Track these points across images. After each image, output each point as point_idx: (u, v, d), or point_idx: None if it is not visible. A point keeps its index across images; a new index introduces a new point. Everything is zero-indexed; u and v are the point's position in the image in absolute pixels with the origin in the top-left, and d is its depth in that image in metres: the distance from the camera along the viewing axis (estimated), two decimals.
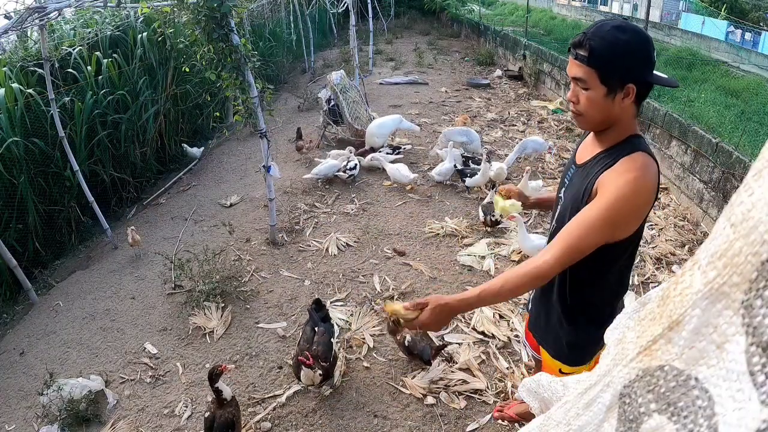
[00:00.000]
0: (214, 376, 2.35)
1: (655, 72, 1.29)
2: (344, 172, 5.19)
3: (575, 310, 1.52)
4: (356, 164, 5.24)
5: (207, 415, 2.41)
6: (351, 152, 5.45)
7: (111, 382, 3.01)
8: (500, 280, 1.31)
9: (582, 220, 1.28)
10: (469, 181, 4.83)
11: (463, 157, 5.19)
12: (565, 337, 1.58)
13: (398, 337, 2.77)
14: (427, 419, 2.56)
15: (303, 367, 2.47)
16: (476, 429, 2.49)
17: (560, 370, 1.60)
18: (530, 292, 1.77)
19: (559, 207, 1.54)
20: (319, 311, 2.90)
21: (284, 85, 9.69)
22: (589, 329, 1.49)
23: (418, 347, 2.68)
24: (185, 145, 6.21)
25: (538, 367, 1.88)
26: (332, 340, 2.75)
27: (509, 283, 1.28)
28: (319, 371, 2.50)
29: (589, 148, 1.45)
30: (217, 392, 2.36)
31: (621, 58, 1.25)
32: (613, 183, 1.26)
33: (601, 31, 1.26)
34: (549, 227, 1.67)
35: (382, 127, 5.70)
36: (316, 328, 2.74)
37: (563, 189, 1.52)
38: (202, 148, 6.51)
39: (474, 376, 2.80)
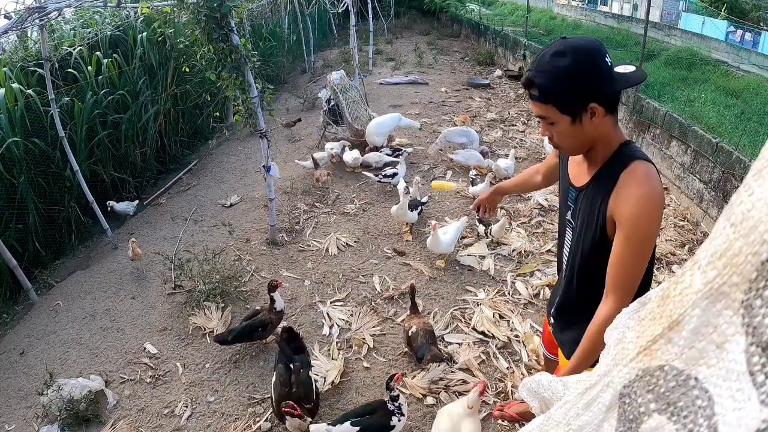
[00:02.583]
0: (271, 287, 3.02)
1: (616, 70, 1.24)
2: (380, 175, 4.91)
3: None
4: (396, 173, 4.87)
5: (257, 308, 3.10)
6: (344, 147, 5.51)
7: (111, 382, 3.01)
8: (586, 342, 1.33)
9: (618, 259, 1.27)
10: (473, 189, 4.73)
11: (474, 176, 4.95)
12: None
13: (405, 325, 2.83)
14: (427, 419, 2.56)
15: (288, 417, 2.30)
16: None
17: None
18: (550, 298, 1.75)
19: (568, 231, 1.51)
20: (291, 342, 2.66)
21: (284, 85, 9.69)
22: None
23: (417, 342, 2.71)
24: (112, 202, 4.90)
25: (548, 366, 1.90)
26: (310, 374, 2.51)
27: (593, 341, 1.30)
28: (308, 418, 2.35)
29: (582, 167, 1.42)
30: (272, 300, 3.01)
31: (569, 85, 1.21)
32: (626, 210, 1.24)
33: (541, 65, 1.23)
34: (557, 251, 1.65)
35: (382, 125, 5.70)
36: (291, 365, 2.47)
37: (569, 212, 1.49)
38: (136, 202, 5.21)
39: (474, 376, 2.80)
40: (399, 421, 2.26)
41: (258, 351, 3.10)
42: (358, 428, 2.23)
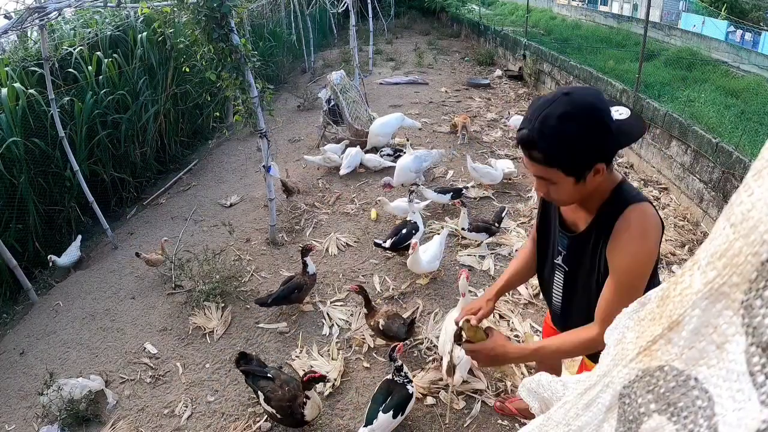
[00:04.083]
0: (305, 251, 3.24)
1: (615, 119, 1.20)
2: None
3: None
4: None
5: (291, 274, 3.35)
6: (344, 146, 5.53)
7: (111, 382, 3.01)
8: (556, 342, 1.36)
9: (607, 299, 1.27)
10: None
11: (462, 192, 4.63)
12: None
13: (372, 323, 2.87)
14: (427, 419, 2.56)
15: (307, 396, 2.32)
16: (476, 429, 2.49)
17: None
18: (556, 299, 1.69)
19: (558, 273, 1.49)
20: (250, 363, 2.63)
21: (284, 85, 9.69)
22: None
23: (393, 329, 2.78)
24: (52, 256, 4.22)
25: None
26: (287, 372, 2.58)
27: (565, 346, 1.34)
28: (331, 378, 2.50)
29: (578, 215, 1.39)
30: (304, 264, 3.22)
31: (579, 151, 1.16)
32: (619, 260, 1.24)
33: (546, 128, 1.13)
34: (543, 287, 1.63)
35: (386, 126, 5.71)
36: (268, 375, 2.50)
37: (560, 257, 1.47)
38: (79, 237, 4.58)
39: (474, 376, 2.79)
40: (413, 386, 2.43)
41: (258, 351, 3.10)
42: (392, 411, 2.28)
